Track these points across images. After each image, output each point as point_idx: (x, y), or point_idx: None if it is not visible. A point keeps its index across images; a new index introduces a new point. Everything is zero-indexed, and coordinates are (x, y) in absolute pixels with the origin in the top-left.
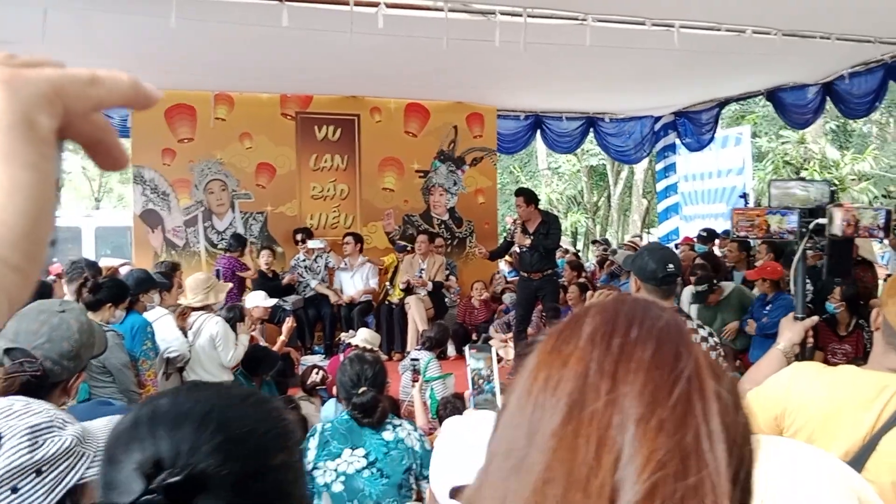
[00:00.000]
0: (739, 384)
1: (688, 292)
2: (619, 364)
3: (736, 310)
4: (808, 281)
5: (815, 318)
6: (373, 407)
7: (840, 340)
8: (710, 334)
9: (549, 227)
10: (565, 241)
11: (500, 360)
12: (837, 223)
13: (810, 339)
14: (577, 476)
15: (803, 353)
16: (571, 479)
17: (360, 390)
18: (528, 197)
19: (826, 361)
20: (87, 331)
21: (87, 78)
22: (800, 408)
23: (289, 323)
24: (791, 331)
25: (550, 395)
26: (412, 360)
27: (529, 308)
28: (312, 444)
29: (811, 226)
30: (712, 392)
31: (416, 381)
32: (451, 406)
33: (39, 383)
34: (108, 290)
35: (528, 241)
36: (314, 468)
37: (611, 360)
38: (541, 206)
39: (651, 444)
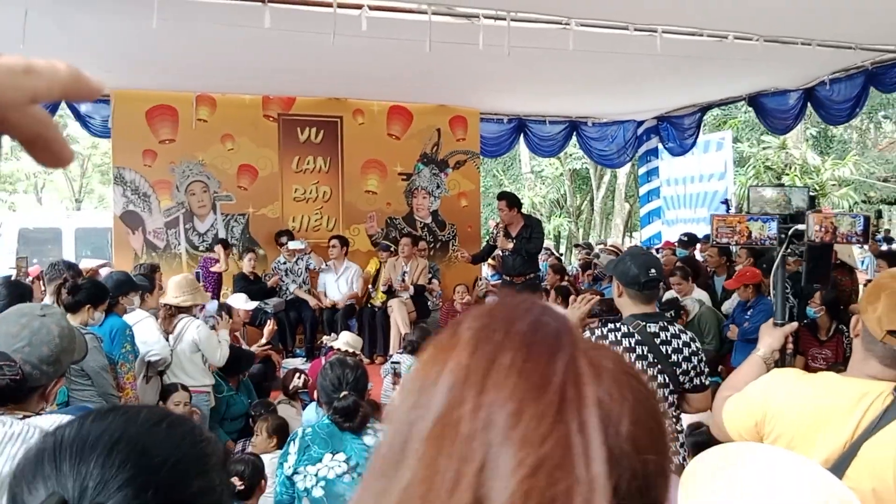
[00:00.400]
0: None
1: (669, 297)
2: (489, 371)
3: (700, 335)
4: (789, 285)
5: (795, 324)
6: (354, 411)
7: (821, 345)
8: (693, 339)
9: (531, 231)
10: (548, 245)
11: None
12: (815, 229)
13: (790, 346)
14: (440, 487)
15: (783, 359)
16: (434, 490)
17: (342, 394)
18: (511, 201)
19: (807, 366)
20: (67, 336)
21: (22, 67)
22: (779, 414)
23: (270, 325)
24: (771, 337)
25: (425, 403)
26: (393, 363)
27: None
28: (293, 448)
29: (790, 232)
30: (591, 398)
31: (397, 384)
32: None
33: (18, 387)
34: (86, 292)
35: (510, 246)
36: (294, 473)
37: (481, 366)
38: (523, 210)
39: (516, 457)
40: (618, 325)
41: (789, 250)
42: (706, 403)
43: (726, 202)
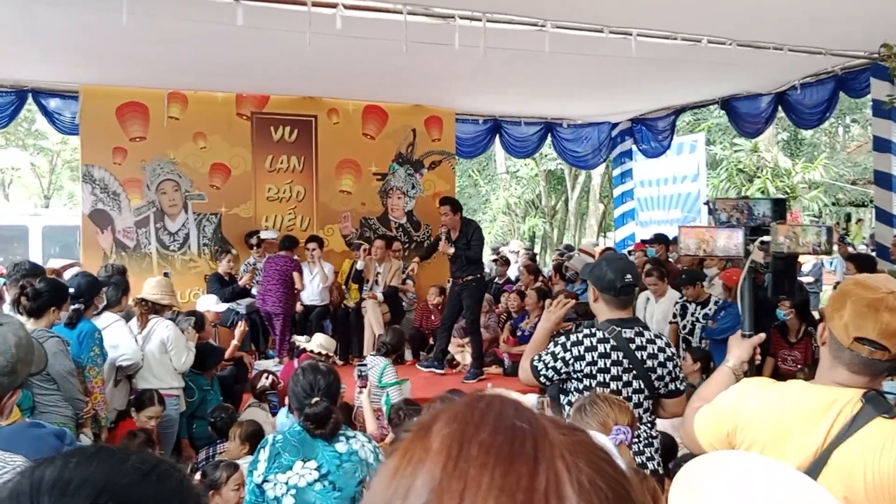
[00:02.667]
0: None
1: (643, 297)
2: (465, 492)
3: None
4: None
5: (763, 336)
6: (326, 418)
7: (790, 347)
8: (668, 344)
9: (471, 236)
10: (521, 246)
11: (455, 364)
12: (780, 240)
13: (758, 357)
14: None
15: (752, 369)
16: None
17: (313, 401)
18: (454, 206)
19: (777, 368)
20: (24, 346)
21: None
22: (750, 423)
23: (241, 326)
24: (739, 348)
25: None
26: (360, 365)
27: (456, 310)
28: (263, 456)
29: (756, 243)
30: None
31: (364, 387)
32: (403, 412)
33: None
34: (48, 295)
35: (451, 250)
36: (264, 481)
37: (456, 487)
38: (499, 208)
39: None
40: (593, 329)
41: (756, 263)
42: (681, 409)
43: (708, 204)
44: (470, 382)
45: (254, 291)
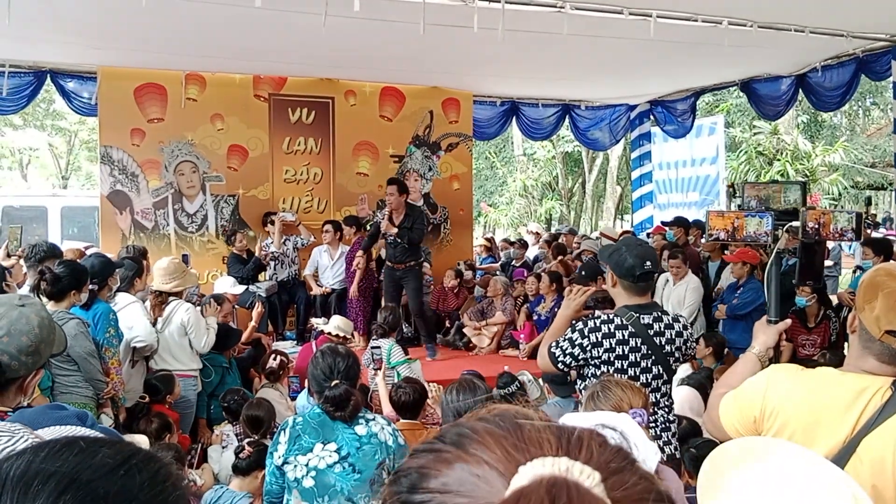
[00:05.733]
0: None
1: (662, 279)
2: None
3: None
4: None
5: (789, 322)
6: (345, 400)
7: (808, 332)
8: (685, 327)
9: (413, 220)
10: (539, 227)
11: (472, 346)
12: (810, 226)
13: (784, 343)
14: None
15: (777, 356)
16: None
17: (333, 383)
18: (401, 187)
19: (796, 352)
20: (47, 326)
21: None
22: (778, 410)
23: (258, 308)
24: (765, 334)
25: None
26: (374, 348)
27: (397, 296)
28: (283, 438)
29: (785, 228)
30: None
31: (379, 368)
32: (402, 392)
33: None
34: (68, 279)
35: (394, 230)
36: (284, 462)
37: None
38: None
39: None
40: (611, 316)
41: (782, 250)
42: None
43: (732, 186)
44: (437, 360)
45: (282, 276)
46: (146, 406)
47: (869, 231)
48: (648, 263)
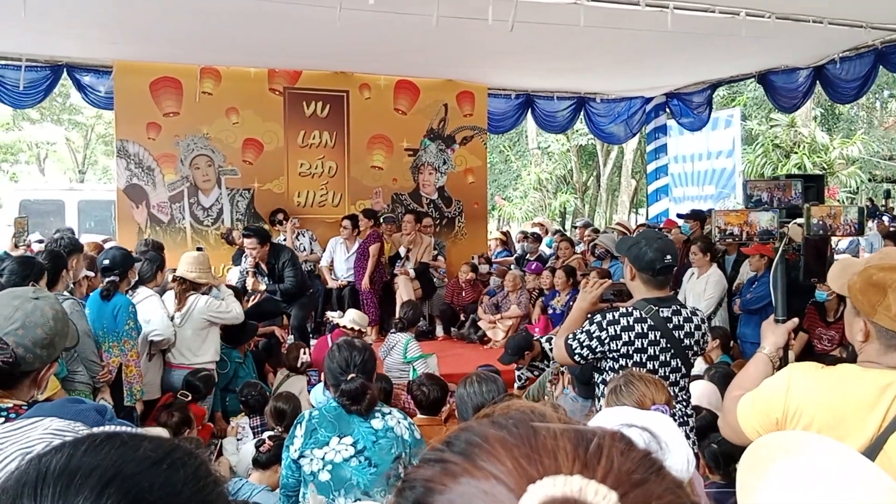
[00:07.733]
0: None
1: (688, 273)
2: None
3: None
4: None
5: (796, 320)
6: (361, 394)
7: (827, 326)
8: (703, 320)
9: (282, 262)
10: (545, 220)
11: (487, 340)
12: (814, 223)
13: (793, 342)
14: None
15: (786, 356)
16: None
17: (349, 377)
18: (262, 237)
19: (813, 346)
20: (61, 319)
21: None
22: (802, 410)
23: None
24: (774, 334)
25: None
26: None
27: None
28: (299, 431)
29: (791, 224)
30: None
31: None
32: (426, 388)
33: (10, 371)
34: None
35: (262, 286)
36: (301, 456)
37: None
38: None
39: None
40: (630, 309)
41: (787, 246)
42: None
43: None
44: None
45: None
46: (184, 404)
47: (887, 224)
48: (668, 257)
